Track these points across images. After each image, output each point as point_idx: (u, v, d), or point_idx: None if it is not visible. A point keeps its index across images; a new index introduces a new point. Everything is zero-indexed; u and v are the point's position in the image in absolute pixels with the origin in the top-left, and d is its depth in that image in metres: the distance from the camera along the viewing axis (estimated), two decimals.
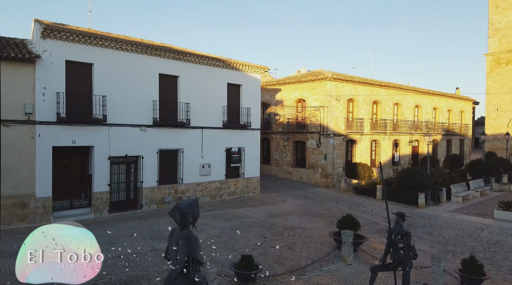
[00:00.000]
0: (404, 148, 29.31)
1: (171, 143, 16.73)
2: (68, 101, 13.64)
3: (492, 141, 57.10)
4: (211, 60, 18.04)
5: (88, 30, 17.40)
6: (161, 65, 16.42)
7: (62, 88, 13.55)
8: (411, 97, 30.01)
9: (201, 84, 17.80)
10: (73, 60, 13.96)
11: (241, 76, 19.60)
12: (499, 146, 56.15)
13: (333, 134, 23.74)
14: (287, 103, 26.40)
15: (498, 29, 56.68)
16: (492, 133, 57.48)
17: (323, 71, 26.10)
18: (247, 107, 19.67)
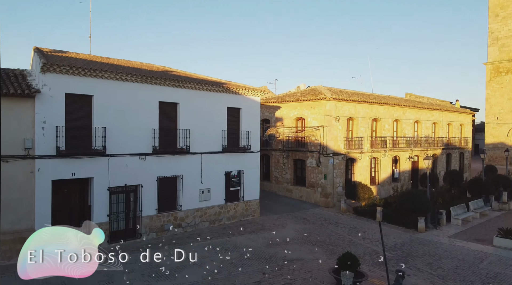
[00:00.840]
0: (404, 163, 29.31)
1: (171, 170, 16.75)
2: (67, 134, 13.66)
3: (492, 150, 57.18)
4: (211, 86, 18.07)
5: (88, 56, 17.48)
6: (161, 93, 16.44)
7: (61, 121, 13.57)
8: (411, 113, 30.03)
9: (201, 110, 17.83)
10: (72, 93, 13.99)
11: (240, 99, 19.63)
12: (499, 155, 56.21)
13: (333, 154, 23.75)
14: (286, 121, 26.44)
15: (498, 38, 56.80)
16: (491, 142, 57.60)
17: (322, 89, 26.15)
18: (246, 130, 19.68)
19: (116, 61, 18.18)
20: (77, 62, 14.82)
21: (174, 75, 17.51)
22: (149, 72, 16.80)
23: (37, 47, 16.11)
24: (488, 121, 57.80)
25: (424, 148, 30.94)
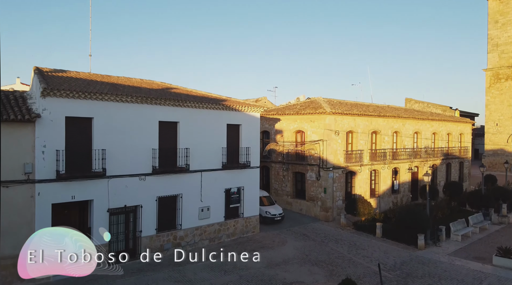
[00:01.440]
0: (403, 175, 29.34)
1: (170, 189, 16.78)
2: (67, 158, 13.70)
3: (491, 156, 57.26)
4: (211, 103, 18.11)
5: (88, 75, 17.53)
6: (161, 113, 16.48)
7: (61, 145, 13.61)
8: (410, 124, 30.07)
9: (201, 128, 17.87)
10: (73, 116, 14.03)
11: (240, 116, 19.67)
12: (499, 161, 56.27)
13: (333, 168, 23.78)
14: (286, 133, 26.48)
15: (497, 45, 56.87)
16: (491, 148, 57.65)
17: (321, 101, 26.21)
18: (246, 146, 19.72)
19: (116, 80, 18.23)
20: (77, 85, 14.85)
21: (174, 95, 17.56)
22: (149, 92, 16.84)
23: (37, 68, 16.16)
24: (487, 127, 57.85)
25: (424, 159, 30.97)
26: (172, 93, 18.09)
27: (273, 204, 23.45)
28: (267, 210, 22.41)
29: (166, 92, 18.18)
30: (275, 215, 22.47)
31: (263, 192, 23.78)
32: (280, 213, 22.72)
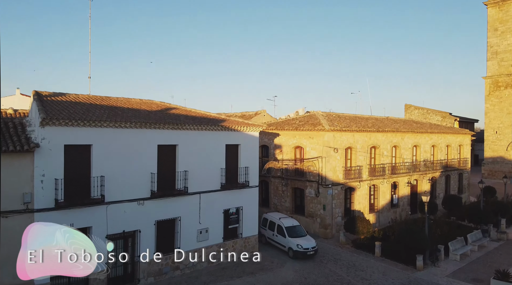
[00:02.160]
0: (403, 188, 29.36)
1: (169, 213, 16.81)
2: (66, 186, 13.73)
3: (491, 164, 57.29)
4: (210, 125, 18.15)
5: (87, 98, 17.60)
6: (160, 137, 16.53)
7: (60, 174, 13.65)
8: (409, 138, 30.10)
9: (200, 149, 17.91)
10: (71, 144, 14.08)
11: (239, 136, 19.71)
12: (499, 169, 56.33)
13: (332, 184, 23.81)
14: (285, 148, 26.52)
15: (497, 52, 56.94)
16: (491, 156, 57.69)
17: (320, 117, 26.27)
18: (245, 166, 19.75)
19: (115, 102, 18.29)
20: (76, 111, 14.90)
21: (173, 117, 17.59)
22: (148, 116, 16.90)
23: (37, 92, 16.24)
24: (487, 135, 57.89)
25: (423, 172, 30.99)
26: (171, 115, 18.13)
27: (304, 235, 20.81)
28: (298, 243, 19.80)
29: (165, 114, 18.23)
30: (307, 249, 19.62)
31: (293, 221, 21.74)
32: (313, 246, 19.84)
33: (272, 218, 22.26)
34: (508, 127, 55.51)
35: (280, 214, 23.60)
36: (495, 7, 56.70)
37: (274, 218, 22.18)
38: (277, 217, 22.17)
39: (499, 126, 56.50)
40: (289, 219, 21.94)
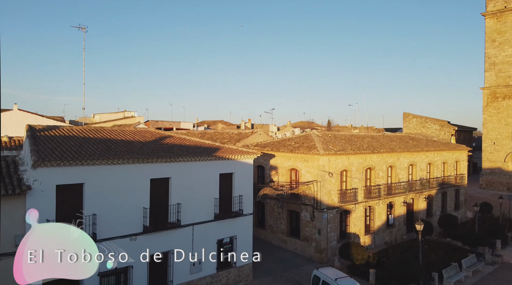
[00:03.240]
0: (398, 208, 29.38)
1: (162, 246, 16.82)
2: None
3: (489, 175, 57.28)
4: (203, 156, 18.21)
5: (81, 130, 17.63)
6: (153, 171, 16.58)
7: (52, 214, 13.69)
8: (405, 157, 30.13)
9: (193, 180, 17.96)
10: (63, 184, 14.13)
11: (233, 164, 19.75)
12: (496, 180, 56.35)
13: (327, 208, 23.85)
14: (281, 170, 26.57)
15: (494, 63, 57.00)
16: (489, 167, 57.67)
17: (315, 137, 26.36)
18: (239, 195, 19.80)
19: (109, 133, 18.32)
20: (69, 148, 14.96)
21: (166, 150, 17.64)
22: (141, 149, 16.97)
23: (30, 127, 16.33)
24: (485, 146, 57.90)
25: (419, 191, 31.01)
26: (165, 147, 18.18)
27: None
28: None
29: (159, 145, 18.29)
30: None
31: (340, 273, 17.99)
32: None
33: (325, 278, 17.44)
34: (506, 139, 55.53)
35: (336, 271, 18.55)
36: (493, 18, 56.80)
37: (329, 277, 17.35)
38: (333, 277, 17.35)
39: (497, 137, 56.53)
40: (349, 281, 17.22)
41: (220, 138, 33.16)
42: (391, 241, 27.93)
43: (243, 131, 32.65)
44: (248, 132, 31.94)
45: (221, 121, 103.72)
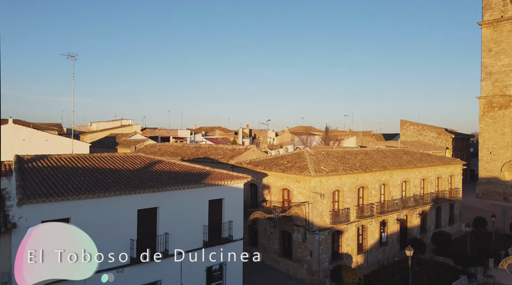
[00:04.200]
0: (392, 226, 29.38)
1: (149, 277, 16.85)
2: None
3: (485, 184, 57.24)
4: (192, 183, 18.21)
5: (70, 158, 17.60)
6: (140, 201, 16.59)
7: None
8: (398, 174, 30.13)
9: (182, 209, 17.97)
10: (49, 220, 14.10)
11: (223, 189, 19.75)
12: (493, 190, 56.32)
13: (318, 230, 23.85)
14: (273, 189, 26.57)
15: (491, 73, 57.02)
16: (485, 176, 57.63)
17: (307, 155, 26.38)
18: (229, 220, 19.80)
19: (98, 161, 18.35)
20: (56, 183, 14.97)
21: (154, 179, 17.64)
22: (129, 179, 16.98)
23: (18, 158, 16.34)
24: (481, 155, 57.86)
25: (413, 207, 31.02)
26: (153, 175, 18.17)
27: None
28: None
29: (148, 173, 18.29)
30: None
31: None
32: None
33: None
34: (502, 148, 55.52)
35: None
36: (489, 28, 56.84)
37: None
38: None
39: (493, 146, 56.51)
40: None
41: (215, 154, 33.18)
42: (384, 259, 27.94)
43: (237, 147, 32.68)
44: (242, 148, 31.97)
45: (219, 127, 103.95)
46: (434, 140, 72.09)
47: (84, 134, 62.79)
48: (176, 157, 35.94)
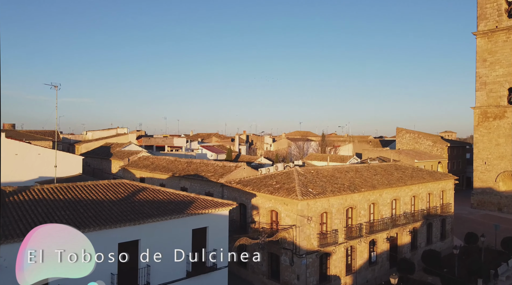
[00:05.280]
0: (381, 245, 29.33)
1: None
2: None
3: (480, 194, 57.21)
4: (175, 214, 18.18)
5: (51, 192, 17.56)
6: (121, 234, 16.55)
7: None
8: (388, 193, 30.10)
9: (164, 240, 17.91)
10: None
11: (207, 218, 19.71)
12: (488, 200, 56.28)
13: (306, 254, 23.81)
14: (262, 211, 26.54)
15: (485, 83, 57.02)
16: (480, 187, 57.59)
17: (295, 175, 26.37)
18: (213, 248, 19.74)
19: (81, 190, 18.29)
20: (35, 219, 14.93)
21: (136, 211, 17.60)
22: (111, 210, 16.95)
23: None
24: (476, 165, 57.80)
25: (403, 225, 30.97)
26: (135, 205, 18.13)
27: None
28: None
29: (130, 203, 18.24)
30: None
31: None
32: None
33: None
34: (497, 159, 55.49)
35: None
36: (484, 38, 56.85)
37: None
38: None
39: (488, 157, 56.47)
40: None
41: (205, 170, 33.17)
42: (373, 279, 27.91)
43: (228, 165, 32.65)
44: (232, 166, 31.95)
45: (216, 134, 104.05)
46: (430, 149, 72.09)
47: (79, 144, 62.85)
48: (168, 173, 35.96)
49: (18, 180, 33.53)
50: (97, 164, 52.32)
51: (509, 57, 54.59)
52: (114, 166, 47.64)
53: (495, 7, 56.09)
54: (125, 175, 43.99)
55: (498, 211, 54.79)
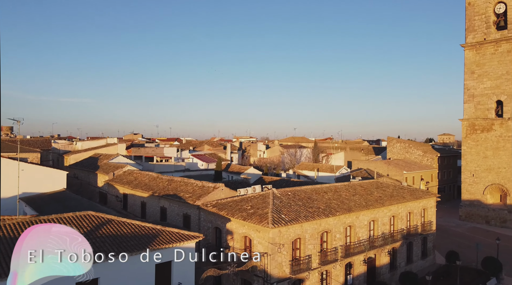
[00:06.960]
0: (358, 267, 29.27)
1: None
2: None
3: (468, 207, 57.13)
4: (137, 251, 18.07)
5: (31, 221, 17.45)
6: (79, 273, 16.43)
7: None
8: (365, 215, 30.02)
9: (125, 277, 17.80)
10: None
11: (172, 252, 19.53)
12: (475, 212, 56.20)
13: (277, 282, 23.72)
14: (236, 236, 26.44)
15: (473, 95, 56.98)
16: (468, 199, 57.52)
17: (270, 202, 26.22)
18: (178, 283, 19.66)
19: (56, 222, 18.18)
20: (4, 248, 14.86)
21: (97, 245, 17.47)
22: None
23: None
24: (464, 177, 57.71)
25: (381, 246, 30.91)
26: (97, 240, 17.99)
27: None
28: None
29: (92, 239, 18.07)
30: None
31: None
32: None
33: None
34: (485, 171, 55.41)
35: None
36: (472, 50, 56.81)
37: None
38: None
39: (475, 169, 56.40)
40: None
41: (184, 190, 33.11)
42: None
43: (206, 185, 32.56)
44: (211, 187, 31.86)
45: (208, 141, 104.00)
46: (420, 158, 72.05)
47: (68, 155, 62.75)
48: (148, 191, 35.89)
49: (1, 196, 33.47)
50: (85, 176, 52.20)
51: (497, 69, 54.54)
52: (100, 179, 47.53)
53: (484, 19, 56.05)
54: (110, 190, 43.93)
55: (486, 224, 54.72)
